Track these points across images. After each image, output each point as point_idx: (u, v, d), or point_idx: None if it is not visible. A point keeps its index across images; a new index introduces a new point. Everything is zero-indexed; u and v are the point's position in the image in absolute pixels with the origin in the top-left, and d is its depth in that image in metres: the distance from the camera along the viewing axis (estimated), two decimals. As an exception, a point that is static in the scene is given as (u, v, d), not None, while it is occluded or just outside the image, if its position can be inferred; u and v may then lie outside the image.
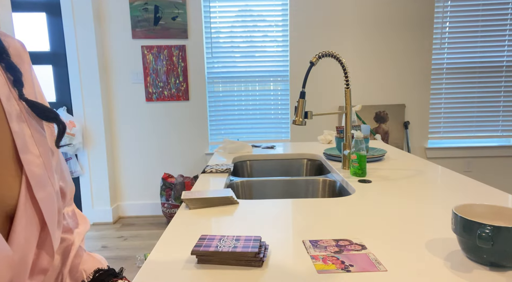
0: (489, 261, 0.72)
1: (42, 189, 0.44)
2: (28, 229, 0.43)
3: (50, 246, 0.47)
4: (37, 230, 0.45)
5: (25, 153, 0.43)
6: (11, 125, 0.42)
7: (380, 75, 3.48)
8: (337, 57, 1.50)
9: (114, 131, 3.52)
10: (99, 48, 3.33)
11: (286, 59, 3.48)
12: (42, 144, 0.47)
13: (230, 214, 1.07)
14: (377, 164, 1.64)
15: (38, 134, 0.47)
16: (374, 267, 0.73)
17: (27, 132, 0.45)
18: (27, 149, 0.44)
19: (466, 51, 3.46)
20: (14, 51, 0.49)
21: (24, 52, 0.52)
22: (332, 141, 2.27)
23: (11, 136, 0.42)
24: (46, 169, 0.46)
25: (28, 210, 0.43)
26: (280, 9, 3.41)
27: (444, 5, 3.39)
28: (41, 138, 0.47)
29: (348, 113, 1.57)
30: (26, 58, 0.52)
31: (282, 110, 3.57)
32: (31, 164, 0.43)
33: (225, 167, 1.64)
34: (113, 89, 3.46)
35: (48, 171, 0.46)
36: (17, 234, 0.41)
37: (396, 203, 1.12)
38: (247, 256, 0.75)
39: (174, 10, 3.33)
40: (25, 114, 0.46)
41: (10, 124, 0.42)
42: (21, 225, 0.42)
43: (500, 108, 3.55)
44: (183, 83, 3.44)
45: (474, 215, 0.80)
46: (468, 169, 3.56)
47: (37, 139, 0.46)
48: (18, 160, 0.43)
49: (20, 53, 0.51)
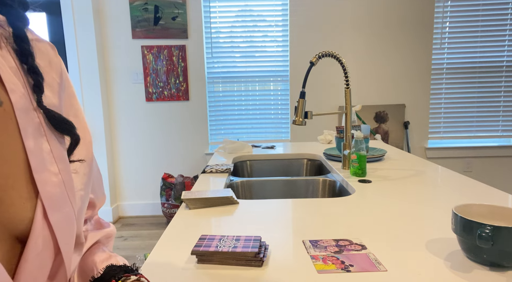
0: (489, 261, 0.72)
1: (58, 211, 0.41)
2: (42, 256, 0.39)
3: (63, 275, 0.43)
4: (51, 258, 0.41)
5: (41, 172, 0.40)
6: (25, 143, 0.39)
7: (380, 75, 3.48)
8: (337, 57, 1.50)
9: (114, 131, 3.52)
10: (99, 48, 3.33)
11: (286, 59, 3.48)
12: (62, 160, 0.43)
13: (230, 214, 1.07)
14: (377, 164, 1.64)
15: (58, 149, 0.43)
16: (374, 267, 0.73)
17: (46, 147, 0.41)
18: (44, 167, 0.40)
19: (466, 51, 3.46)
20: (42, 56, 0.46)
21: (56, 58, 0.48)
22: (332, 141, 2.27)
23: (25, 155, 0.39)
24: (65, 187, 0.42)
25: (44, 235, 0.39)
26: (280, 9, 3.41)
27: (444, 5, 3.39)
28: (61, 153, 0.43)
29: (348, 113, 1.57)
30: (57, 66, 0.48)
31: (282, 110, 3.57)
32: (47, 183, 0.40)
33: (225, 167, 1.64)
34: (113, 89, 3.46)
35: (68, 189, 0.43)
36: (29, 263, 0.38)
37: (396, 203, 1.12)
38: (247, 256, 0.75)
39: (174, 10, 3.33)
40: (45, 126, 0.42)
41: (25, 141, 0.39)
42: (35, 253, 0.38)
43: (500, 108, 3.55)
44: (183, 83, 3.44)
45: (474, 215, 0.80)
46: (468, 169, 3.56)
47: (56, 155, 0.42)
48: (32, 180, 0.39)
49: (50, 59, 0.47)
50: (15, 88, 0.40)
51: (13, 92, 0.39)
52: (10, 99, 0.39)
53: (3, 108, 0.38)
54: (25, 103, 0.40)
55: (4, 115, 0.38)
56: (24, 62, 0.42)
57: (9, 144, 0.38)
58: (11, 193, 0.37)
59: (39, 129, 0.41)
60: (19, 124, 0.39)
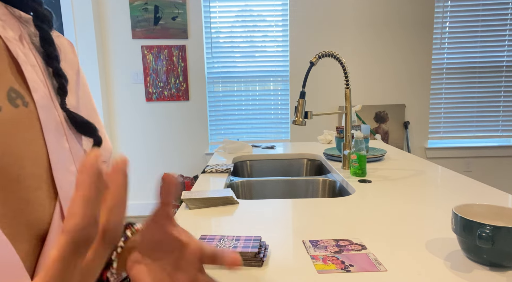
0: (489, 261, 0.72)
1: None
2: None
3: None
4: None
5: (60, 171, 0.39)
6: (47, 141, 0.39)
7: (380, 75, 3.48)
8: (337, 57, 1.50)
9: (114, 131, 3.52)
10: (99, 48, 3.33)
11: (286, 59, 3.48)
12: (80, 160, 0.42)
13: (230, 214, 1.07)
14: (377, 164, 1.64)
15: (77, 149, 0.43)
16: (374, 267, 0.73)
17: (65, 146, 0.41)
18: (63, 166, 0.40)
19: (466, 51, 3.46)
20: (63, 56, 0.45)
21: (74, 56, 0.48)
22: (332, 141, 2.27)
23: (46, 151, 0.38)
24: None
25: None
26: (280, 9, 3.41)
27: (444, 5, 3.39)
28: (79, 154, 0.43)
29: (348, 113, 1.57)
30: (74, 63, 0.48)
31: (282, 110, 3.57)
32: (65, 183, 0.39)
33: (225, 167, 1.64)
34: (113, 89, 3.46)
35: None
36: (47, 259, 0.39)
37: (396, 203, 1.12)
38: (247, 256, 0.75)
39: (174, 10, 3.33)
40: (65, 126, 0.42)
41: (47, 139, 0.39)
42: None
43: (500, 108, 3.55)
44: (183, 83, 3.44)
45: (474, 215, 0.80)
46: (468, 169, 3.56)
47: (75, 154, 0.42)
48: (52, 178, 0.39)
49: (69, 58, 0.47)
50: (37, 87, 0.40)
51: (36, 91, 0.39)
52: (33, 98, 0.39)
53: (28, 109, 0.38)
54: (47, 102, 0.40)
55: (30, 115, 0.38)
56: (49, 65, 0.42)
57: (36, 144, 0.38)
58: (38, 193, 0.37)
59: (59, 128, 0.41)
60: (42, 123, 0.39)
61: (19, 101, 0.38)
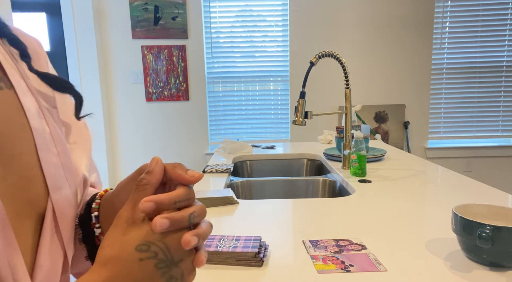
0: (489, 261, 0.72)
1: (58, 191, 0.42)
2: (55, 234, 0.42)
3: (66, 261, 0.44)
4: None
5: (44, 151, 0.41)
6: (30, 122, 0.40)
7: (380, 75, 3.48)
8: (337, 57, 1.50)
9: (114, 131, 3.52)
10: (99, 48, 3.33)
11: (286, 59, 3.48)
12: (60, 143, 0.44)
13: (230, 214, 1.07)
14: (377, 164, 1.64)
15: (56, 133, 0.44)
16: (374, 267, 0.73)
17: (46, 129, 0.43)
18: (46, 147, 0.41)
19: (466, 51, 3.46)
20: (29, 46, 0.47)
21: (40, 49, 0.50)
22: (332, 141, 2.27)
23: (31, 134, 0.40)
24: (64, 169, 0.44)
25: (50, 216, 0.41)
26: (280, 9, 3.41)
27: (444, 5, 3.39)
28: (58, 136, 0.45)
29: (348, 113, 1.57)
30: (42, 55, 0.50)
31: (282, 110, 3.57)
32: (49, 163, 0.41)
33: (225, 167, 1.64)
34: (113, 89, 3.46)
35: (66, 171, 0.44)
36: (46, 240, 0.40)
37: (396, 203, 1.12)
38: (247, 256, 0.75)
39: (174, 10, 3.33)
40: (43, 109, 0.43)
41: (30, 120, 0.40)
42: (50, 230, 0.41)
43: (500, 108, 3.55)
44: (183, 83, 3.44)
45: (474, 215, 0.80)
46: (468, 169, 3.56)
47: (55, 137, 0.44)
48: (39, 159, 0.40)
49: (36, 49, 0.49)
50: (13, 72, 0.42)
51: (12, 75, 0.41)
52: (12, 83, 0.41)
53: (11, 91, 0.40)
54: (24, 86, 0.42)
55: (13, 98, 0.40)
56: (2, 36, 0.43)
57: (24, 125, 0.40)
58: (36, 171, 0.40)
59: (38, 112, 0.43)
60: (23, 106, 0.41)
61: (2, 84, 0.40)
